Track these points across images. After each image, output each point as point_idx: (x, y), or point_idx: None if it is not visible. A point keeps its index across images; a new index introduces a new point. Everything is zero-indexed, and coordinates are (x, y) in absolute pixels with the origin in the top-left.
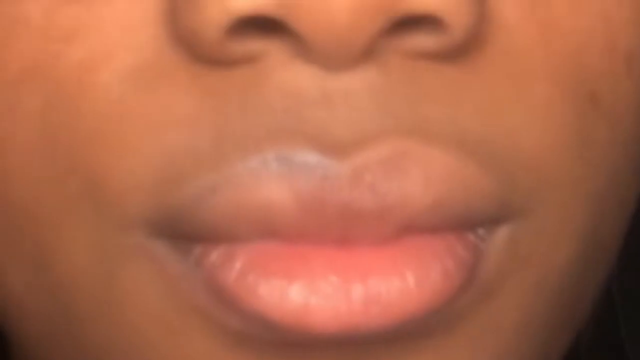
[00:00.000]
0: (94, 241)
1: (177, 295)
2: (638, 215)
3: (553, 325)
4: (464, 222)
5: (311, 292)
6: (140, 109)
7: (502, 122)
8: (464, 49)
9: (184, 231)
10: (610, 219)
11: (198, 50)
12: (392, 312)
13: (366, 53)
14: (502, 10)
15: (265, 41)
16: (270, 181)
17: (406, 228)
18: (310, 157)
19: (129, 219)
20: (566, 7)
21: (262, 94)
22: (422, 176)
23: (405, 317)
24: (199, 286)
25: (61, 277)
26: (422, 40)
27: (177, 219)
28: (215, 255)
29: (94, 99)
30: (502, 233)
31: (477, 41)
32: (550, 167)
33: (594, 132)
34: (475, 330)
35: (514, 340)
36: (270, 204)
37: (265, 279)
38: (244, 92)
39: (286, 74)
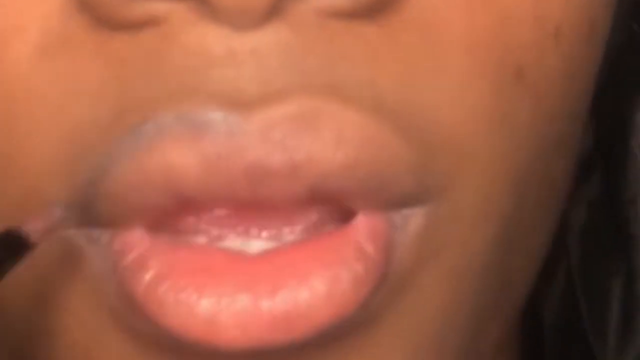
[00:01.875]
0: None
1: (94, 294)
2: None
3: (479, 310)
4: (378, 195)
5: (219, 309)
6: (46, 84)
7: (420, 91)
8: (379, 8)
9: (99, 213)
10: (534, 197)
11: (101, 14)
12: (302, 324)
13: (273, 11)
14: None
15: (169, 2)
16: (171, 142)
17: (317, 188)
18: (214, 115)
19: (46, 203)
20: None
21: (166, 56)
22: (333, 135)
23: (316, 328)
24: (114, 290)
25: None
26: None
27: (89, 197)
28: (128, 260)
29: (5, 77)
30: (418, 219)
31: (395, 2)
32: (468, 144)
33: (518, 107)
34: (395, 324)
35: (438, 329)
36: (173, 167)
37: (174, 293)
38: (149, 56)
39: (192, 35)
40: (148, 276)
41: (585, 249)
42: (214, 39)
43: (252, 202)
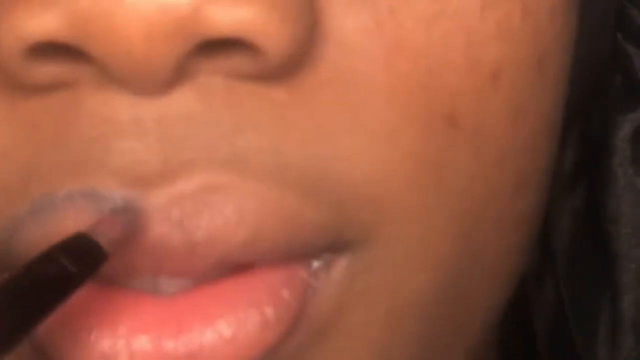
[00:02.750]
0: None
1: None
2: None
3: (425, 351)
4: (292, 256)
5: (118, 349)
6: None
7: (331, 149)
8: (292, 71)
9: (10, 264)
10: (489, 234)
11: (5, 78)
12: None
13: (179, 76)
14: (342, 30)
15: (74, 66)
16: (73, 217)
17: (220, 265)
18: (113, 192)
19: None
20: (418, 23)
21: (74, 123)
22: (234, 211)
23: None
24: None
25: None
26: (240, 63)
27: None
28: None
29: None
30: (340, 266)
31: (307, 63)
32: (393, 197)
33: (452, 156)
34: None
35: None
36: None
37: (73, 334)
38: (58, 122)
39: (98, 101)
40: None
41: (572, 258)
42: (120, 106)
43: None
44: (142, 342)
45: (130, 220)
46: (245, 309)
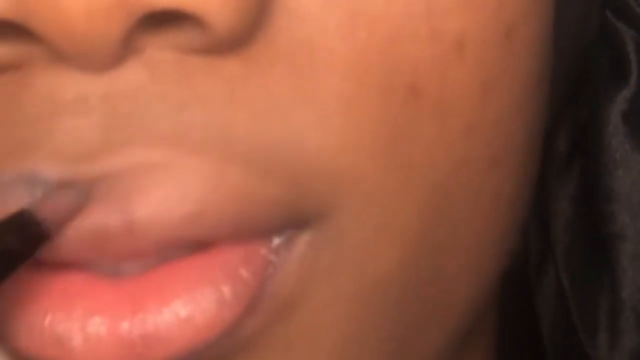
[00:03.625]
0: None
1: None
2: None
3: (402, 326)
4: (250, 233)
5: (72, 331)
6: None
7: (284, 123)
8: (238, 43)
9: None
10: (464, 209)
11: None
12: (163, 349)
13: (127, 50)
14: (297, 1)
15: (24, 45)
16: (14, 202)
17: (163, 243)
18: (55, 173)
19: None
20: None
21: (21, 102)
22: (173, 187)
23: (178, 352)
24: None
25: None
26: (187, 36)
27: None
28: None
29: None
30: (302, 242)
31: (258, 35)
32: (351, 169)
33: (415, 128)
34: (282, 349)
35: (341, 352)
36: None
37: (26, 317)
38: (7, 102)
39: (46, 80)
40: (2, 299)
41: (569, 243)
42: (66, 84)
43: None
44: (96, 324)
45: (74, 199)
46: (202, 288)
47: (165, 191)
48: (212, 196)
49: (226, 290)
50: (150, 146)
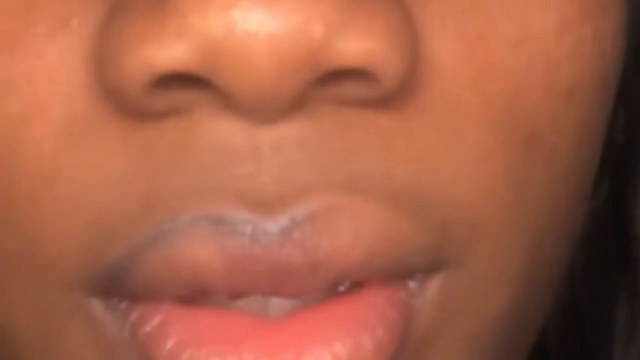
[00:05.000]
0: (35, 300)
1: (115, 353)
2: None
3: None
4: (395, 275)
5: None
6: (70, 168)
7: (434, 173)
8: (396, 97)
9: (120, 292)
10: (553, 252)
11: (123, 105)
12: None
13: (295, 105)
14: (437, 55)
15: (192, 94)
16: (199, 241)
17: (337, 283)
18: (238, 216)
19: (66, 279)
20: (506, 47)
21: (191, 149)
22: (351, 231)
23: None
24: (133, 356)
25: (8, 335)
26: (353, 90)
27: (111, 279)
28: (150, 326)
29: (27, 157)
30: (435, 285)
31: (409, 89)
32: (483, 217)
33: (530, 174)
34: None
35: None
36: (199, 264)
37: (193, 356)
38: (173, 148)
39: (214, 127)
40: (170, 344)
41: (589, 261)
42: (236, 132)
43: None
44: None
45: (253, 244)
46: (359, 330)
47: (344, 234)
48: (384, 240)
49: (380, 332)
50: (327, 192)
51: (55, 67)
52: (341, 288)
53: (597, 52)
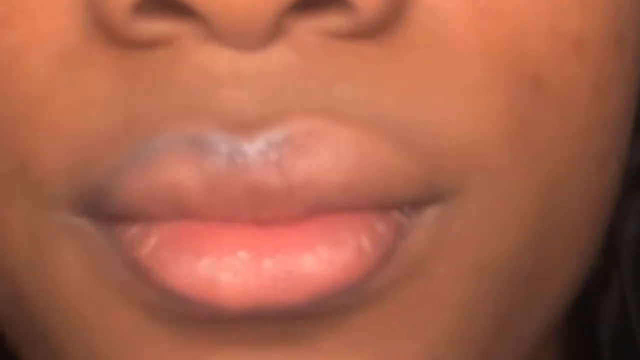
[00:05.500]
0: (26, 220)
1: (100, 270)
2: None
3: (505, 310)
4: (385, 202)
5: (219, 268)
6: (62, 92)
7: (424, 106)
8: (380, 28)
9: (104, 210)
10: (572, 204)
11: (112, 33)
12: (303, 287)
13: (275, 33)
14: None
15: (178, 22)
16: (177, 161)
17: (317, 207)
18: (217, 137)
19: (54, 198)
20: None
21: (175, 74)
22: (330, 155)
23: (317, 293)
24: (119, 262)
25: (3, 255)
26: (334, 20)
27: (96, 198)
28: (132, 231)
29: (22, 82)
30: (431, 213)
31: (398, 21)
32: (482, 152)
33: (540, 116)
34: (405, 309)
35: (456, 323)
36: (178, 184)
37: (176, 255)
38: (158, 73)
39: (199, 55)
40: (152, 241)
41: (638, 261)
42: (220, 59)
43: (252, 222)
44: (243, 259)
45: (230, 163)
46: (342, 236)
47: (323, 157)
48: (365, 166)
49: (365, 240)
50: (306, 116)
51: (52, 2)
52: None
53: (612, 3)
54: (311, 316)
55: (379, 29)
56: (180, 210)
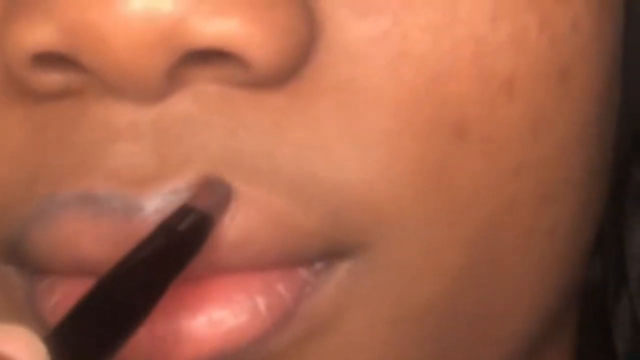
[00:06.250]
0: None
1: (23, 319)
2: None
3: (446, 350)
4: (286, 260)
5: None
6: None
7: (325, 157)
8: (283, 80)
9: (22, 260)
10: (512, 242)
11: (17, 84)
12: (193, 348)
13: (173, 83)
14: (347, 39)
15: (77, 74)
16: (74, 219)
17: (213, 267)
18: (111, 194)
19: None
20: (425, 34)
21: (77, 128)
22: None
23: (206, 355)
24: (31, 314)
25: None
26: (232, 72)
27: (12, 249)
28: (43, 285)
29: None
30: (342, 268)
31: (306, 66)
32: (391, 204)
33: (465, 162)
34: None
35: None
36: (75, 242)
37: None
38: (64, 127)
39: (99, 108)
40: (55, 298)
41: None
42: (119, 112)
43: None
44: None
45: (126, 222)
46: (237, 297)
47: None
48: (262, 222)
49: (260, 301)
50: (203, 167)
51: None
52: None
53: (548, 41)
54: None
55: (279, 80)
56: (80, 268)
